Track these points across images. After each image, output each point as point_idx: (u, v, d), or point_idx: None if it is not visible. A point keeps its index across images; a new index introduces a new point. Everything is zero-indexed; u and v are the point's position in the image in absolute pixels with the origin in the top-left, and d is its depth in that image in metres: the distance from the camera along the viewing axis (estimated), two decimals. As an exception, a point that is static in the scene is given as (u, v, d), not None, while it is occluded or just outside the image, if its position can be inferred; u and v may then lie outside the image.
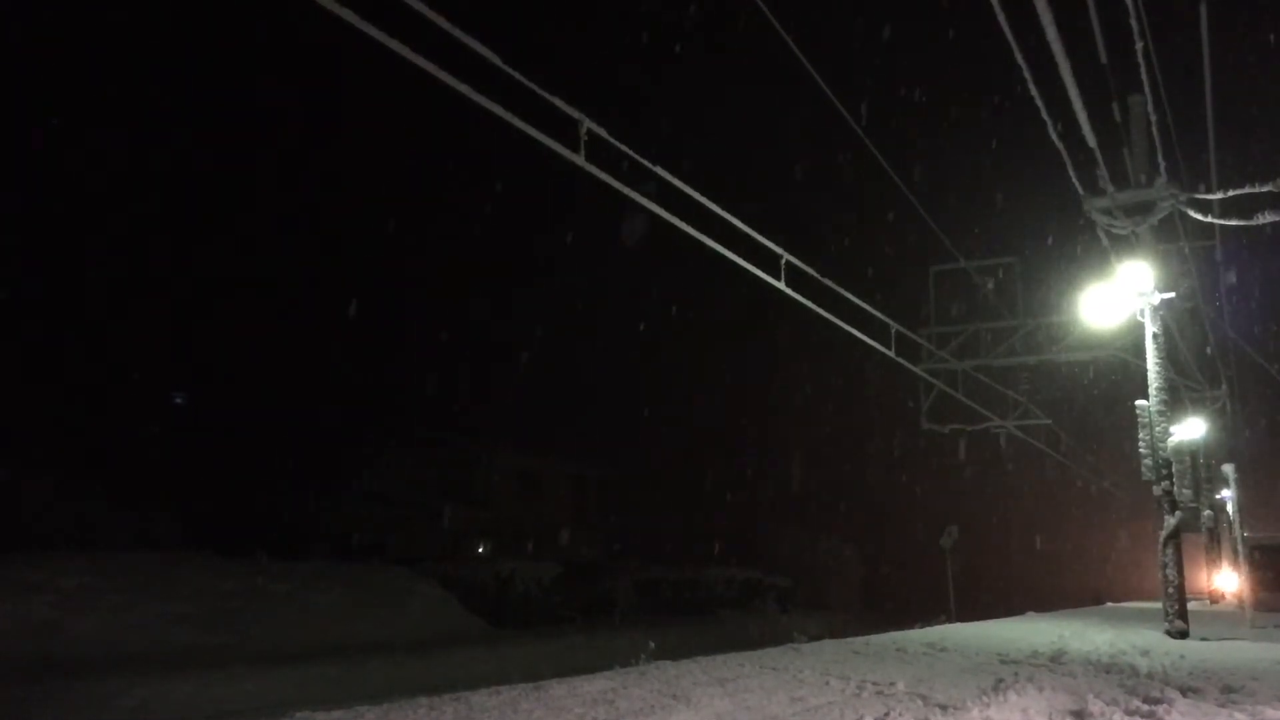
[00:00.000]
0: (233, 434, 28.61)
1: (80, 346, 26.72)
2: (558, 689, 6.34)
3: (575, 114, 7.82)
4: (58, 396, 25.31)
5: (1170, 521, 12.93)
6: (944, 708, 5.99)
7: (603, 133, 8.01)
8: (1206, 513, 24.99)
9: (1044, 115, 10.17)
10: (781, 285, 11.31)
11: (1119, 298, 13.67)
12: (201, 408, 30.43)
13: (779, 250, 11.16)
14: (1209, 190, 12.90)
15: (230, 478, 27.41)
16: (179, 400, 30.96)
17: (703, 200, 9.44)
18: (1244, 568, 17.02)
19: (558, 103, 7.65)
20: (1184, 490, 13.10)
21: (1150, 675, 8.23)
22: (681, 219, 9.18)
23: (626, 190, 8.41)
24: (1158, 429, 13.08)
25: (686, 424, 42.23)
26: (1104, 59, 10.54)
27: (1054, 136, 10.72)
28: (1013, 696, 6.42)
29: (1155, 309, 13.37)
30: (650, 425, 40.14)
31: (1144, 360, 13.48)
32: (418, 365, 36.15)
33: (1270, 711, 6.35)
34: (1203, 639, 12.35)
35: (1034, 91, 9.65)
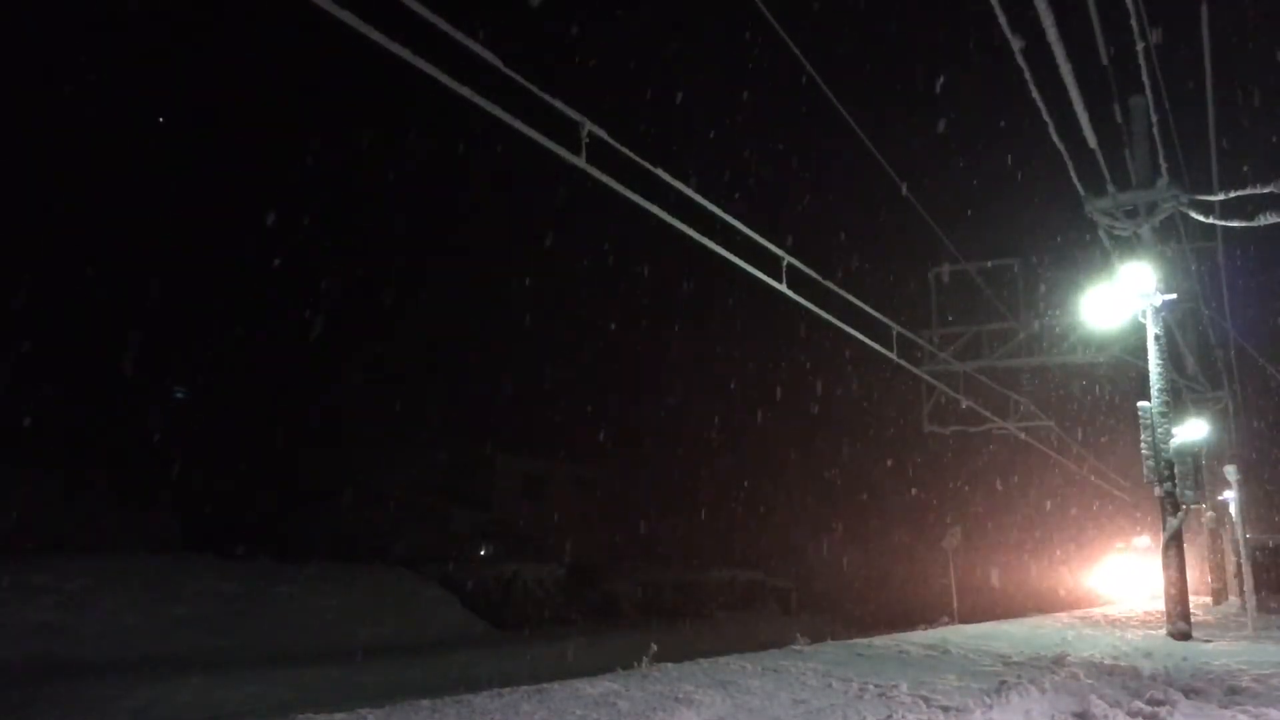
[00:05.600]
0: (236, 436, 28.64)
1: (84, 347, 26.77)
2: (560, 691, 6.34)
3: (577, 116, 7.83)
4: (62, 398, 25.35)
5: (1172, 523, 12.91)
6: (947, 710, 5.99)
7: (604, 135, 8.02)
8: (1209, 514, 24.96)
9: (1045, 116, 10.18)
10: (783, 287, 11.31)
11: (1121, 299, 13.65)
12: (205, 410, 30.47)
13: (780, 252, 11.17)
14: (1210, 191, 12.89)
15: (233, 480, 27.44)
16: (180, 396, 31.01)
17: (704, 203, 9.45)
18: (1246, 569, 16.99)
19: (559, 105, 7.66)
20: (1186, 492, 13.07)
21: (1153, 677, 8.22)
22: (683, 221, 9.18)
23: (628, 193, 8.42)
24: (1160, 430, 13.06)
25: (690, 427, 42.22)
26: (1105, 60, 10.55)
27: (1055, 137, 10.72)
28: (1015, 698, 6.41)
29: (1157, 310, 13.36)
30: (654, 428, 40.14)
31: (1146, 362, 13.46)
32: (420, 366, 36.16)
33: (1273, 713, 6.35)
34: (1205, 640, 12.33)
35: (1035, 92, 9.65)
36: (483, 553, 29.90)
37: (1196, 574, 21.07)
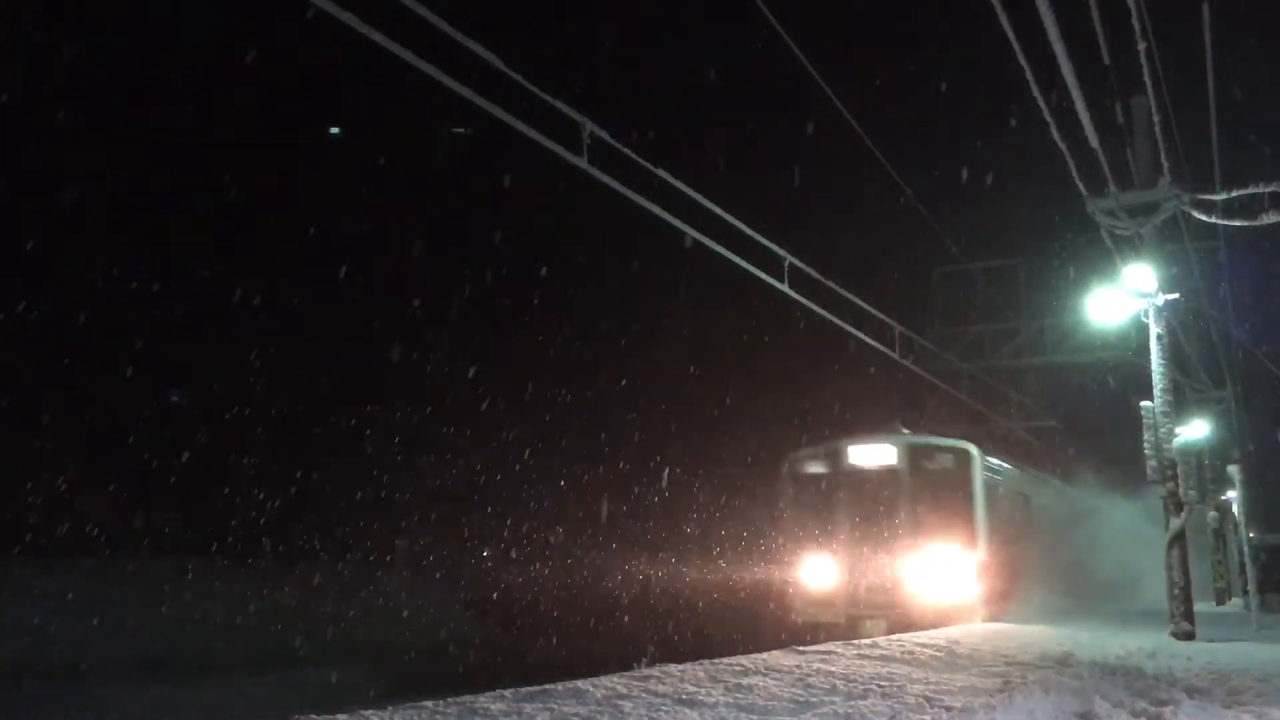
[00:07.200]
0: (237, 438, 28.58)
1: (84, 347, 26.73)
2: (562, 692, 6.33)
3: (578, 117, 7.83)
4: (61, 398, 25.32)
5: (1175, 523, 12.88)
6: (951, 710, 5.97)
7: (605, 135, 8.01)
8: (1212, 514, 24.93)
9: (1046, 116, 10.17)
10: (784, 287, 11.30)
11: (1123, 299, 13.64)
12: (206, 411, 30.44)
13: (782, 252, 11.16)
14: (1212, 190, 12.87)
15: (233, 481, 27.37)
16: (175, 400, 30.99)
17: (706, 203, 9.45)
18: (1250, 569, 16.98)
19: (560, 106, 7.66)
20: (1189, 491, 13.04)
21: (1157, 677, 8.21)
22: (684, 221, 9.18)
23: (629, 193, 8.41)
24: (1162, 430, 13.03)
25: (692, 430, 42.16)
26: (1106, 60, 10.54)
27: (1056, 137, 10.71)
28: (1019, 699, 6.40)
29: (1159, 310, 13.33)
30: (656, 429, 40.10)
31: (1149, 361, 13.44)
32: (420, 367, 36.11)
33: (1276, 713, 6.33)
34: (1209, 641, 12.31)
35: (1036, 93, 9.64)
36: (485, 554, 29.89)
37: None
